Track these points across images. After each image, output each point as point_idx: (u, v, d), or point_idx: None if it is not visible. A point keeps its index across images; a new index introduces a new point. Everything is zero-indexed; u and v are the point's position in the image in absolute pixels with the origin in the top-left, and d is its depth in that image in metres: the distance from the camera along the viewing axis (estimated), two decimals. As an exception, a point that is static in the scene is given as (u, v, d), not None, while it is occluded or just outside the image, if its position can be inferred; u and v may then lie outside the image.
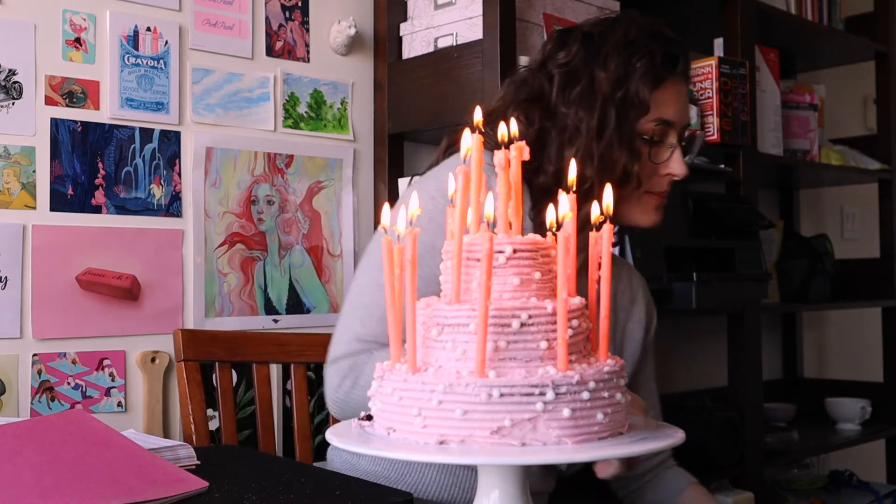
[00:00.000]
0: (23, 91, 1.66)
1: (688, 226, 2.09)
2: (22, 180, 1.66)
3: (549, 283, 0.90)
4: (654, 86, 1.28)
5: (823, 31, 2.76)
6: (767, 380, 2.75)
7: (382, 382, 0.89)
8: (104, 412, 1.71)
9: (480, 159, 0.91)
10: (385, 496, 1.13)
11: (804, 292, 2.77)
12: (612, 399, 0.86)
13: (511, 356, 0.85)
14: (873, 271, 2.91)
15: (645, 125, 1.29)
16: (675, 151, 1.32)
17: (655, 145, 1.31)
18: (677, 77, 1.32)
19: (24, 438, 1.10)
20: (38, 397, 1.65)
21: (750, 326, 2.29)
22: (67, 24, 1.72)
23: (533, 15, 1.92)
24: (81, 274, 1.71)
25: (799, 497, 2.65)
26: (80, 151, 1.72)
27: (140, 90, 1.79)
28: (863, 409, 2.80)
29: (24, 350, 1.65)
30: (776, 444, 2.45)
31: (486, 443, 0.82)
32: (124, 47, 1.78)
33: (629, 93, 1.27)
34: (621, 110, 1.27)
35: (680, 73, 1.32)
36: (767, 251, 2.58)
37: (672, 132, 1.31)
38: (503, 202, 0.92)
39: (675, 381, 2.80)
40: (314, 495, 1.11)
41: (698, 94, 2.22)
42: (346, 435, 0.90)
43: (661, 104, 1.29)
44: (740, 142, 2.26)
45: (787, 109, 2.68)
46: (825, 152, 2.78)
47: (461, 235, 0.88)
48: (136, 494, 1.02)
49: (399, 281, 0.89)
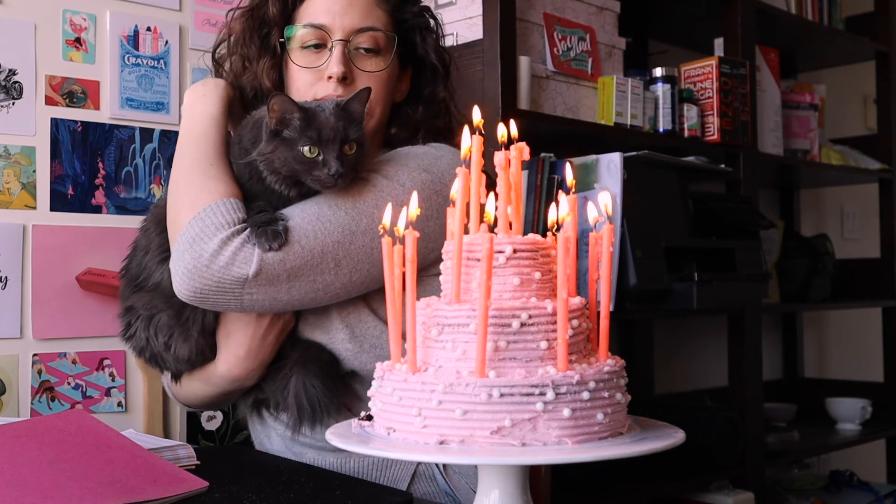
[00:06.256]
0: (23, 91, 1.66)
1: (688, 226, 2.08)
2: (22, 180, 1.66)
3: (549, 283, 0.90)
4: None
5: (824, 31, 2.76)
6: (768, 380, 2.75)
7: (382, 382, 0.89)
8: (104, 412, 1.71)
9: (480, 160, 0.91)
10: (385, 496, 1.13)
11: (804, 292, 2.77)
12: (612, 399, 0.86)
13: (511, 356, 0.85)
14: (873, 271, 2.91)
15: (298, 34, 1.38)
16: (334, 52, 1.36)
17: (317, 50, 1.38)
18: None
19: (24, 438, 1.10)
20: (38, 397, 1.65)
21: (750, 326, 2.29)
22: (67, 24, 1.72)
23: (533, 15, 1.92)
24: (81, 274, 1.71)
25: (799, 497, 2.65)
26: (80, 151, 1.72)
27: (140, 90, 1.79)
28: (863, 409, 2.80)
29: (25, 350, 1.65)
30: (776, 444, 2.45)
31: (486, 443, 0.82)
32: (124, 47, 1.78)
33: (268, 13, 1.40)
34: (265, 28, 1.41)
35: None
36: (768, 251, 2.58)
37: (328, 36, 1.37)
38: (503, 202, 0.92)
39: (675, 381, 2.80)
40: (314, 495, 1.11)
41: (699, 94, 2.22)
42: (346, 435, 0.90)
43: (310, 12, 1.39)
44: (741, 142, 2.26)
45: (788, 109, 2.68)
46: (825, 152, 2.78)
47: (461, 235, 0.88)
48: (136, 494, 1.02)
49: (399, 281, 0.89)
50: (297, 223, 1.22)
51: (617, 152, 1.88)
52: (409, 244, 0.88)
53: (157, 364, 1.36)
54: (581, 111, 2.01)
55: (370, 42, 1.38)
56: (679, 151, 2.10)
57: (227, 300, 1.21)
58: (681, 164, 2.07)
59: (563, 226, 0.89)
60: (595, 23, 2.06)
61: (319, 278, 1.23)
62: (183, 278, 1.20)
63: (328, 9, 1.37)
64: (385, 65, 1.39)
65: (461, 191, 0.91)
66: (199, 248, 1.19)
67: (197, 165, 1.28)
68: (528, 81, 1.84)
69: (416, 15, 1.46)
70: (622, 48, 2.13)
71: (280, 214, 1.24)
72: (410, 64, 1.47)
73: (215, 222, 1.20)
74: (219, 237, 1.19)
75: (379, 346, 1.32)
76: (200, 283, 1.19)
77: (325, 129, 1.21)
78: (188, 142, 1.32)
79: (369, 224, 1.25)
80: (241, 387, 1.36)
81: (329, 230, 1.23)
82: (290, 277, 1.21)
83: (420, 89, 1.47)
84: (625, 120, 2.02)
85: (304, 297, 1.24)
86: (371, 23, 1.38)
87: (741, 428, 2.18)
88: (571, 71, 1.97)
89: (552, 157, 1.90)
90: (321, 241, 1.22)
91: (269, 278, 1.19)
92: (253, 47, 1.41)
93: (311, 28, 1.37)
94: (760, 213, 2.32)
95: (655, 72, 2.15)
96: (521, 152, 0.93)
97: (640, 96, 2.06)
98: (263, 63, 1.40)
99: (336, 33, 1.37)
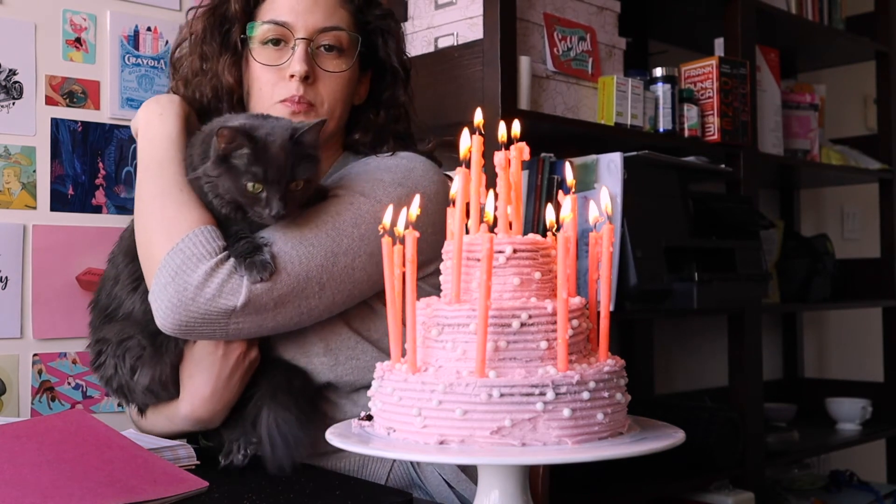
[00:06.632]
0: (23, 91, 1.66)
1: (688, 226, 2.08)
2: (22, 180, 1.66)
3: (549, 283, 0.90)
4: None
5: (824, 31, 2.76)
6: (768, 380, 2.75)
7: (382, 382, 0.89)
8: (104, 412, 1.71)
9: (480, 160, 0.91)
10: (385, 496, 1.13)
11: (804, 292, 2.77)
12: (612, 399, 0.86)
13: (511, 356, 0.85)
14: (874, 271, 2.91)
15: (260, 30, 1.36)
16: (296, 51, 1.34)
17: (278, 46, 1.36)
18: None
19: (24, 438, 1.10)
20: (38, 397, 1.65)
21: (750, 326, 2.29)
22: (68, 24, 1.72)
23: (533, 15, 1.92)
24: (82, 274, 1.71)
25: (799, 497, 2.65)
26: (80, 151, 1.72)
27: (140, 90, 1.79)
28: (863, 409, 2.80)
29: (25, 350, 1.65)
30: (776, 444, 2.45)
31: (486, 443, 0.82)
32: (125, 47, 1.78)
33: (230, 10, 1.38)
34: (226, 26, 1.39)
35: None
36: (768, 251, 2.58)
37: (290, 34, 1.35)
38: (503, 202, 0.92)
39: (675, 381, 2.80)
40: (314, 495, 1.11)
41: (699, 94, 2.22)
42: (347, 435, 0.90)
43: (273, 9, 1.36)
44: (741, 142, 2.26)
45: (788, 109, 2.68)
46: (825, 152, 2.79)
47: (461, 235, 0.88)
48: (136, 494, 1.02)
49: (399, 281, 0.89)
50: (282, 248, 1.20)
51: (617, 152, 1.88)
52: (410, 244, 0.88)
53: (123, 395, 1.33)
54: (581, 111, 2.01)
55: (333, 41, 1.37)
56: (679, 151, 2.10)
57: (212, 331, 1.19)
58: (681, 164, 2.07)
59: (563, 226, 0.89)
60: (595, 23, 2.06)
61: (304, 303, 1.22)
62: (167, 312, 1.17)
63: (292, 7, 1.35)
64: (348, 65, 1.38)
65: (461, 191, 0.91)
66: (182, 281, 1.16)
67: (165, 192, 1.25)
68: (528, 81, 1.84)
69: (379, 18, 1.44)
70: (622, 48, 2.13)
71: (262, 239, 1.21)
72: (371, 67, 1.45)
73: (196, 253, 1.18)
74: (202, 269, 1.16)
75: (355, 356, 1.31)
76: (186, 316, 1.16)
77: (272, 168, 1.16)
78: (152, 166, 1.28)
79: (350, 244, 1.24)
80: (205, 428, 1.32)
81: (313, 254, 1.21)
82: (276, 305, 1.19)
83: (380, 93, 1.46)
84: (625, 120, 2.02)
85: (289, 322, 1.23)
86: (335, 22, 1.37)
87: (741, 428, 2.18)
88: (571, 71, 1.97)
89: (552, 157, 1.90)
90: (306, 267, 1.21)
91: (256, 308, 1.18)
92: (214, 44, 1.39)
93: (274, 25, 1.35)
94: (760, 213, 2.32)
95: (655, 72, 2.15)
96: (521, 152, 0.93)
97: (641, 96, 2.06)
98: (224, 60, 1.38)
99: (299, 32, 1.35)
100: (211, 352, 1.25)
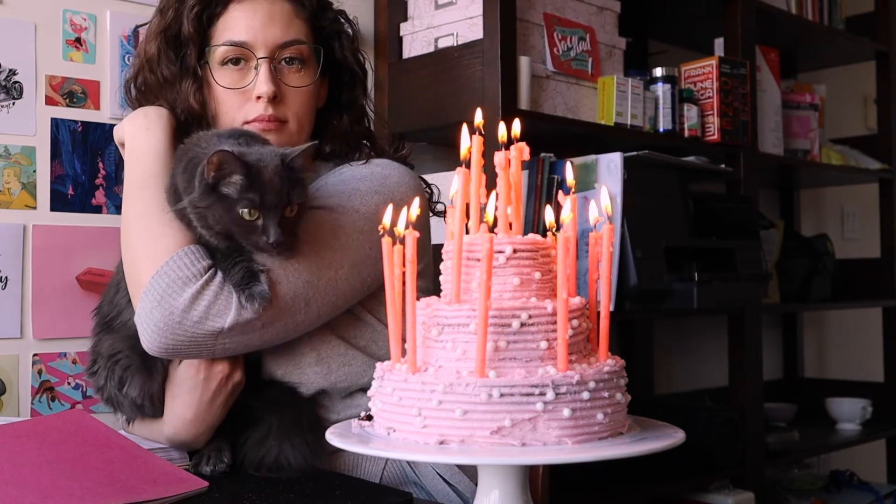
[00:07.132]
0: (23, 91, 1.66)
1: (688, 226, 2.08)
2: (22, 180, 1.66)
3: (549, 283, 0.90)
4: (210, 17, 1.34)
5: (824, 31, 2.76)
6: (768, 380, 2.74)
7: (382, 382, 0.89)
8: (104, 412, 1.71)
9: (480, 160, 0.91)
10: (385, 496, 1.13)
11: (804, 292, 2.77)
12: (612, 399, 0.86)
13: (511, 356, 0.85)
14: (874, 271, 2.91)
15: (218, 53, 1.33)
16: (260, 71, 1.32)
17: (238, 66, 1.34)
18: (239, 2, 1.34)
19: (24, 438, 1.10)
20: (38, 397, 1.65)
21: (750, 326, 2.29)
22: (68, 24, 1.72)
23: (533, 15, 1.92)
24: (82, 274, 1.71)
25: (799, 497, 2.65)
26: (80, 151, 1.72)
27: (140, 90, 1.79)
28: (863, 409, 2.80)
29: (25, 350, 1.65)
30: (777, 444, 2.45)
31: (486, 443, 0.82)
32: (125, 47, 1.78)
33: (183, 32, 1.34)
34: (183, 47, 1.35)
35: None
36: (768, 251, 2.58)
37: (251, 53, 1.33)
38: (503, 202, 0.92)
39: (675, 381, 2.80)
40: (314, 495, 1.11)
41: (699, 94, 2.22)
42: (346, 435, 0.91)
43: (229, 28, 1.33)
44: (741, 142, 2.26)
45: (788, 109, 2.68)
46: (826, 152, 2.79)
47: (461, 235, 0.88)
48: (136, 494, 1.02)
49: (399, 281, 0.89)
50: (269, 267, 1.19)
51: (617, 152, 1.88)
52: (409, 244, 0.88)
53: (112, 405, 1.33)
54: (581, 111, 2.01)
55: (295, 54, 1.35)
56: (679, 151, 2.10)
57: (199, 351, 1.19)
58: (681, 164, 2.07)
59: (563, 226, 0.89)
60: (595, 23, 2.07)
61: (291, 320, 1.21)
62: (153, 336, 1.16)
63: (248, 24, 1.33)
64: (311, 79, 1.37)
65: (461, 191, 0.91)
66: (168, 304, 1.15)
67: (150, 211, 1.23)
68: (528, 81, 1.84)
69: (332, 21, 1.43)
70: (622, 48, 2.13)
71: (257, 265, 1.19)
72: (328, 70, 1.44)
73: (182, 276, 1.16)
74: (189, 292, 1.15)
75: (346, 363, 1.31)
76: (173, 339, 1.16)
77: (269, 193, 1.13)
78: (138, 182, 1.27)
79: (332, 257, 1.24)
80: (189, 449, 1.31)
81: (299, 270, 1.21)
82: (264, 325, 1.19)
83: (338, 95, 1.46)
84: (625, 120, 2.02)
85: (276, 338, 1.23)
86: (294, 35, 1.35)
87: (741, 428, 2.18)
88: (571, 71, 1.97)
89: (552, 157, 1.90)
90: (293, 285, 1.20)
91: (243, 329, 1.17)
92: (172, 67, 1.35)
93: (232, 46, 1.33)
94: (760, 213, 2.32)
95: (655, 72, 2.15)
96: (521, 152, 0.93)
97: (641, 96, 2.06)
98: (187, 86, 1.34)
99: (259, 51, 1.33)
100: (192, 375, 1.24)
